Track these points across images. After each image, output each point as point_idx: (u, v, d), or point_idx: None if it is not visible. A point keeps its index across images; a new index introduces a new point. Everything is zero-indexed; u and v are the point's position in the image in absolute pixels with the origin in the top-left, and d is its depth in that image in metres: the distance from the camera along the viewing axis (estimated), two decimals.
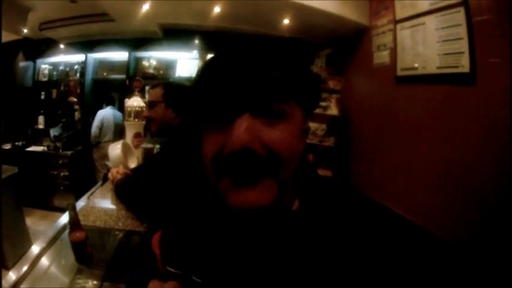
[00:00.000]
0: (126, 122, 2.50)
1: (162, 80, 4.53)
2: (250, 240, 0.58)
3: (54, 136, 4.73)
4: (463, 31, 2.32)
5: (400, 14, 3.01)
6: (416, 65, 2.81)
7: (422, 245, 0.57)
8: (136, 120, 2.47)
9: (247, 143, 0.47)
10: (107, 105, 4.82)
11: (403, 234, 0.58)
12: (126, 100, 2.58)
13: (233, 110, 0.50)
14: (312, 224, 0.58)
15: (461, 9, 2.32)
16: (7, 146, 4.67)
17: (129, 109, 2.48)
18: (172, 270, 0.63)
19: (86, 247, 1.32)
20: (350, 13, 3.35)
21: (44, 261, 1.39)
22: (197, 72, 0.58)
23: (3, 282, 1.22)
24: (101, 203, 1.77)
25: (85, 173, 4.66)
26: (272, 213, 0.55)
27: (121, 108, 4.45)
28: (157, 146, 2.43)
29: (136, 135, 2.43)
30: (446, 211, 2.41)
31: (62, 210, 3.86)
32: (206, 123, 0.54)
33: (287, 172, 0.52)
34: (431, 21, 2.62)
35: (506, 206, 1.97)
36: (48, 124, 5.01)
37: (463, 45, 2.31)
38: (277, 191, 0.52)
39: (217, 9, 3.35)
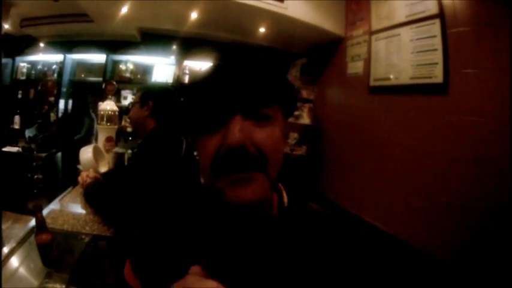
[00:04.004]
0: (98, 126, 2.49)
1: (138, 84, 4.60)
2: (232, 247, 0.61)
3: (29, 137, 4.60)
4: (437, 42, 2.40)
5: (375, 25, 3.10)
6: (389, 76, 2.89)
7: (389, 250, 0.64)
8: (108, 124, 2.46)
9: (243, 140, 0.53)
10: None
11: (369, 240, 0.65)
12: (100, 104, 2.56)
13: (228, 112, 0.56)
14: (292, 227, 0.64)
15: (437, 21, 2.40)
16: None
17: (101, 113, 2.46)
18: None
19: (51, 250, 1.32)
20: (326, 23, 3.42)
21: (13, 262, 1.38)
22: (189, 85, 0.66)
23: None
24: (70, 206, 1.78)
25: (60, 176, 4.55)
26: (258, 217, 0.62)
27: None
28: (129, 151, 2.42)
29: (108, 139, 2.42)
30: (417, 219, 2.48)
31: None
32: (204, 128, 0.59)
33: (274, 170, 0.59)
34: (406, 32, 2.70)
35: (475, 210, 2.08)
36: (25, 124, 4.89)
37: (438, 56, 2.39)
38: (269, 186, 0.58)
39: (194, 15, 3.36)
